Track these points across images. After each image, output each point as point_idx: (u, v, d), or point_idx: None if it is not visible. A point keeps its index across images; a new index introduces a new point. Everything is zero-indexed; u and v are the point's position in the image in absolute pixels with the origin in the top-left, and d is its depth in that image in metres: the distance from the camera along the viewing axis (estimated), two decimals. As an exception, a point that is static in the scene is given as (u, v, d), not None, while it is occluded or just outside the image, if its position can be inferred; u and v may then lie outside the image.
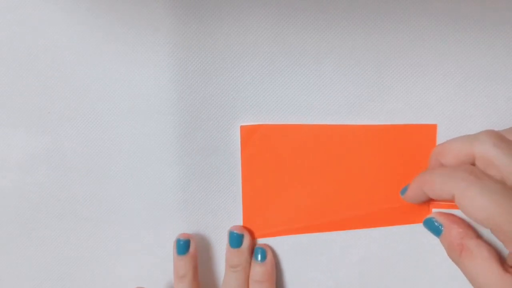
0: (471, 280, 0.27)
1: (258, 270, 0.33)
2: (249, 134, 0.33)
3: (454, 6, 0.31)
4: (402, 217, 0.33)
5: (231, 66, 0.32)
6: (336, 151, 0.33)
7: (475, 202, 0.26)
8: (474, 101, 0.32)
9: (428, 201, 0.33)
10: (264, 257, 0.33)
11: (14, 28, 0.32)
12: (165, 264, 0.35)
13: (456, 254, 0.28)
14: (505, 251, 0.28)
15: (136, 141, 0.34)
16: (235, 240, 0.33)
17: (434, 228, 0.30)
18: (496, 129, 0.29)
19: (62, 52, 0.33)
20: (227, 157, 0.34)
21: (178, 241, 0.33)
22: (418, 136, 0.32)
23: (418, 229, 0.33)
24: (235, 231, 0.33)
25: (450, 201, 0.28)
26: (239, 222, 0.34)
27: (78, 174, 0.34)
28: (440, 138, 0.32)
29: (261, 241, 0.35)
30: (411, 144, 0.32)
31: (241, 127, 0.33)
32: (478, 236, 0.29)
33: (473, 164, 0.28)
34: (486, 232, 0.29)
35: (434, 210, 0.33)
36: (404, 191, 0.32)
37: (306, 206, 0.34)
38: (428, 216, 0.31)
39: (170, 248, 0.35)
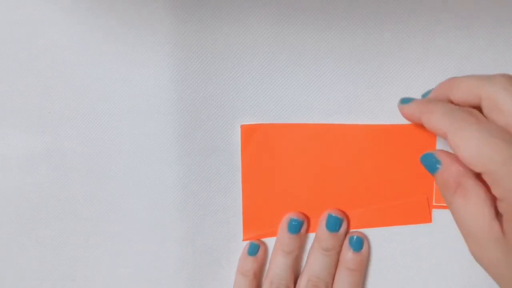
0: (459, 222, 0.26)
1: (353, 258, 0.33)
2: (250, 133, 0.33)
3: (454, 6, 0.31)
4: (402, 217, 0.33)
5: (231, 66, 0.32)
6: (336, 150, 0.33)
7: (470, 142, 0.24)
8: (474, 101, 0.32)
9: (429, 200, 0.33)
10: (361, 246, 0.33)
11: (14, 28, 0.32)
12: (165, 264, 0.35)
13: (450, 192, 0.26)
14: None
15: (136, 141, 0.34)
16: (334, 223, 0.32)
17: (431, 163, 0.28)
18: None
19: (62, 52, 0.33)
20: (227, 157, 0.34)
21: (292, 220, 0.33)
22: (418, 136, 0.32)
23: (419, 229, 0.34)
24: (334, 214, 0.33)
25: None
26: (240, 222, 0.34)
27: (78, 174, 0.34)
28: (440, 138, 0.32)
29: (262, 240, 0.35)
30: (411, 144, 0.32)
31: (242, 126, 0.33)
32: (478, 177, 0.26)
33: (479, 106, 0.26)
34: None
35: (434, 210, 0.33)
36: (405, 101, 0.30)
37: (307, 205, 0.34)
38: (428, 151, 0.29)
39: (170, 248, 0.35)
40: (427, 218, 0.33)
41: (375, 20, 0.31)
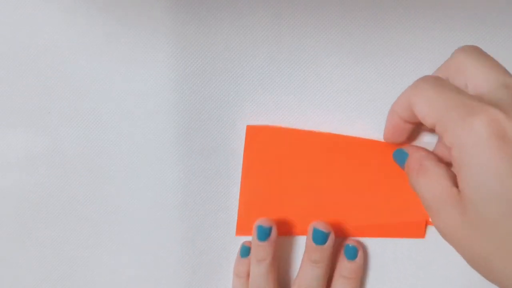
0: (422, 198, 0.26)
1: (349, 266, 0.33)
2: (255, 134, 0.33)
3: (455, 5, 0.31)
4: (397, 232, 0.33)
5: (231, 66, 0.32)
6: (340, 160, 0.32)
7: (423, 97, 0.25)
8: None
9: (427, 219, 0.32)
10: (355, 255, 0.33)
11: (14, 28, 0.32)
12: (165, 264, 0.35)
13: (414, 175, 0.27)
14: None
15: (136, 141, 0.34)
16: (320, 237, 0.32)
17: (400, 157, 0.29)
18: None
19: (62, 52, 0.33)
20: (228, 158, 0.34)
21: (259, 227, 0.32)
22: None
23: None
24: (320, 229, 0.32)
25: None
26: (239, 222, 0.34)
27: (78, 174, 0.34)
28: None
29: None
30: None
31: (248, 126, 0.33)
32: (439, 159, 0.27)
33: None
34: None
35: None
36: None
37: (302, 210, 0.33)
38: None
39: (170, 248, 0.35)
40: (421, 234, 0.33)
41: (376, 20, 0.31)
